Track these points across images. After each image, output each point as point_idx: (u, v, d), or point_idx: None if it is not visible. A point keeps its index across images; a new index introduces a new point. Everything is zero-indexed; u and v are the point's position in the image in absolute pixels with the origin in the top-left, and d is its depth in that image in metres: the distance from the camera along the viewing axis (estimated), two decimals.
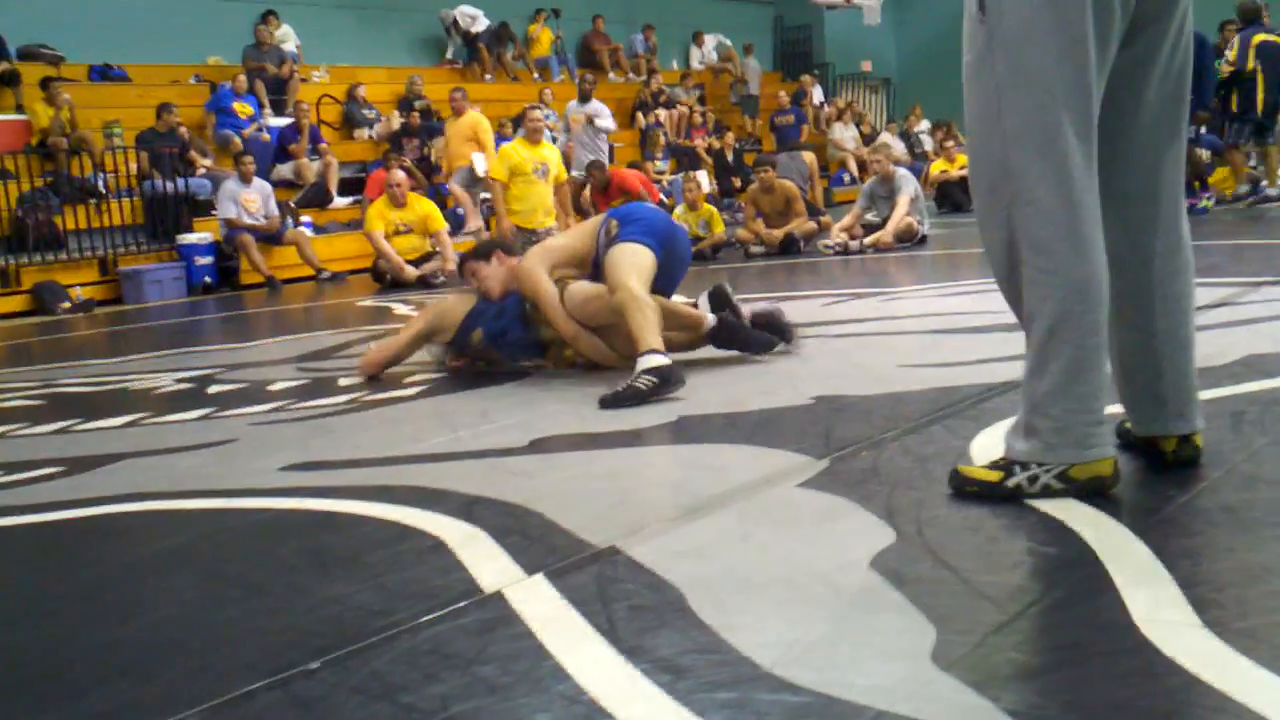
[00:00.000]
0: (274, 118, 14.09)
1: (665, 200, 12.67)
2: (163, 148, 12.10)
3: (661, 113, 17.65)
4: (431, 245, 10.30)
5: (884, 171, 9.90)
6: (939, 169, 14.02)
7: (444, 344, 4.83)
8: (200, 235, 11.68)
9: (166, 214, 11.84)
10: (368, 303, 8.93)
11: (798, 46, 23.73)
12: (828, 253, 9.54)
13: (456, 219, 13.20)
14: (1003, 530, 2.22)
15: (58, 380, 5.79)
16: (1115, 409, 2.52)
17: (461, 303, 4.81)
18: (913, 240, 9.53)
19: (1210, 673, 1.55)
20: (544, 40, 18.82)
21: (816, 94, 20.89)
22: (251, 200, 11.65)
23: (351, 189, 13.72)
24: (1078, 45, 2.21)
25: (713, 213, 10.63)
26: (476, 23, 17.74)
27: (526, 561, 2.27)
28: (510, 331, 4.61)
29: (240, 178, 11.66)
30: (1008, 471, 2.36)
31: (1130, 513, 2.24)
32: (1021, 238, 2.28)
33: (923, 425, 3.12)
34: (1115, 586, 1.87)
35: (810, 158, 13.33)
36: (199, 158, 12.66)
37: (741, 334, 4.40)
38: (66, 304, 10.36)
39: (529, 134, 10.27)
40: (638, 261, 4.26)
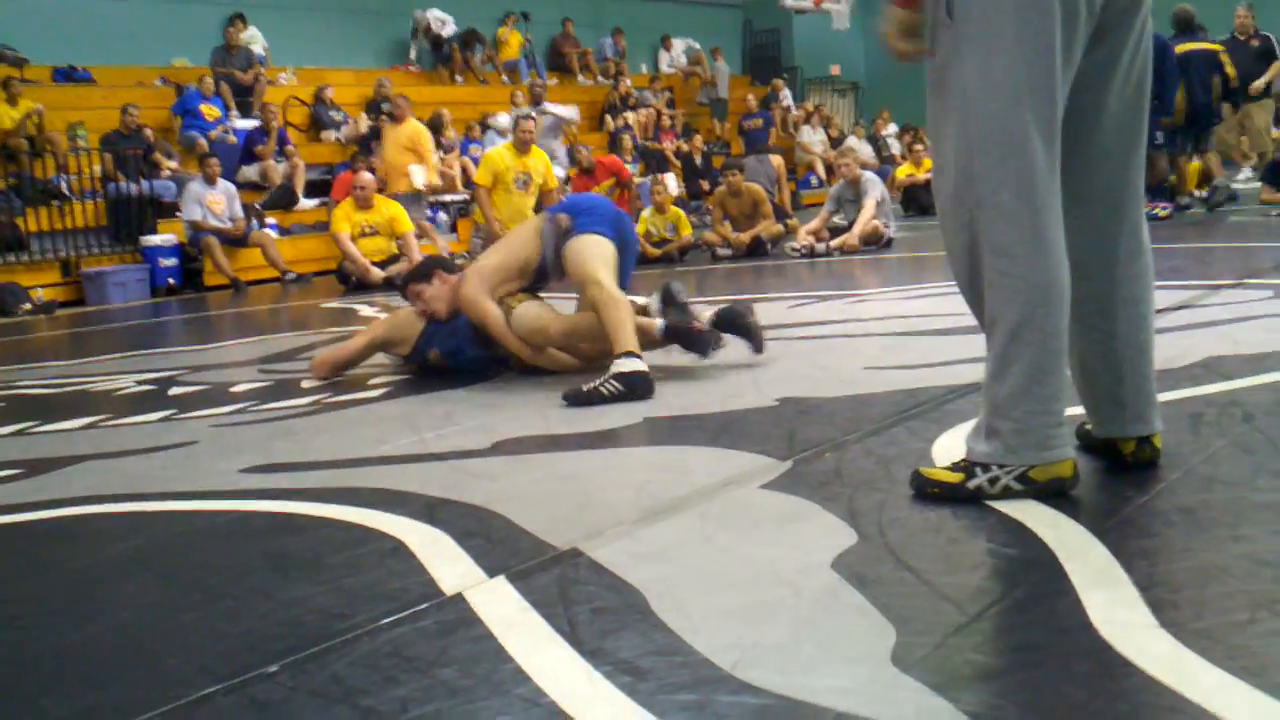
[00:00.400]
0: (240, 120, 14.01)
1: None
2: (127, 149, 12.00)
3: (630, 115, 17.66)
4: (397, 247, 10.26)
5: (851, 175, 9.95)
6: (905, 173, 14.10)
7: (401, 355, 4.80)
8: (164, 237, 11.59)
9: (130, 216, 11.74)
10: (333, 305, 8.89)
11: (766, 50, 23.79)
12: (794, 255, 9.57)
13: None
14: (963, 531, 2.23)
15: (17, 382, 5.73)
16: (1075, 411, 2.53)
17: (419, 317, 4.73)
18: (879, 243, 9.59)
19: (1167, 674, 1.56)
20: (513, 43, 18.80)
21: (785, 97, 20.97)
22: (217, 202, 11.58)
23: (318, 191, 13.65)
24: (1045, 51, 2.21)
25: (680, 215, 10.64)
26: (446, 27, 17.71)
27: (488, 564, 2.26)
28: (464, 350, 4.59)
29: (205, 179, 11.59)
30: (969, 473, 2.38)
31: (1089, 514, 2.25)
32: (984, 241, 2.29)
33: (886, 427, 3.13)
34: (1074, 588, 1.88)
35: (778, 161, 13.37)
36: (164, 159, 12.57)
37: (686, 336, 4.22)
38: (27, 305, 10.26)
39: (517, 143, 10.03)
40: (603, 253, 4.23)
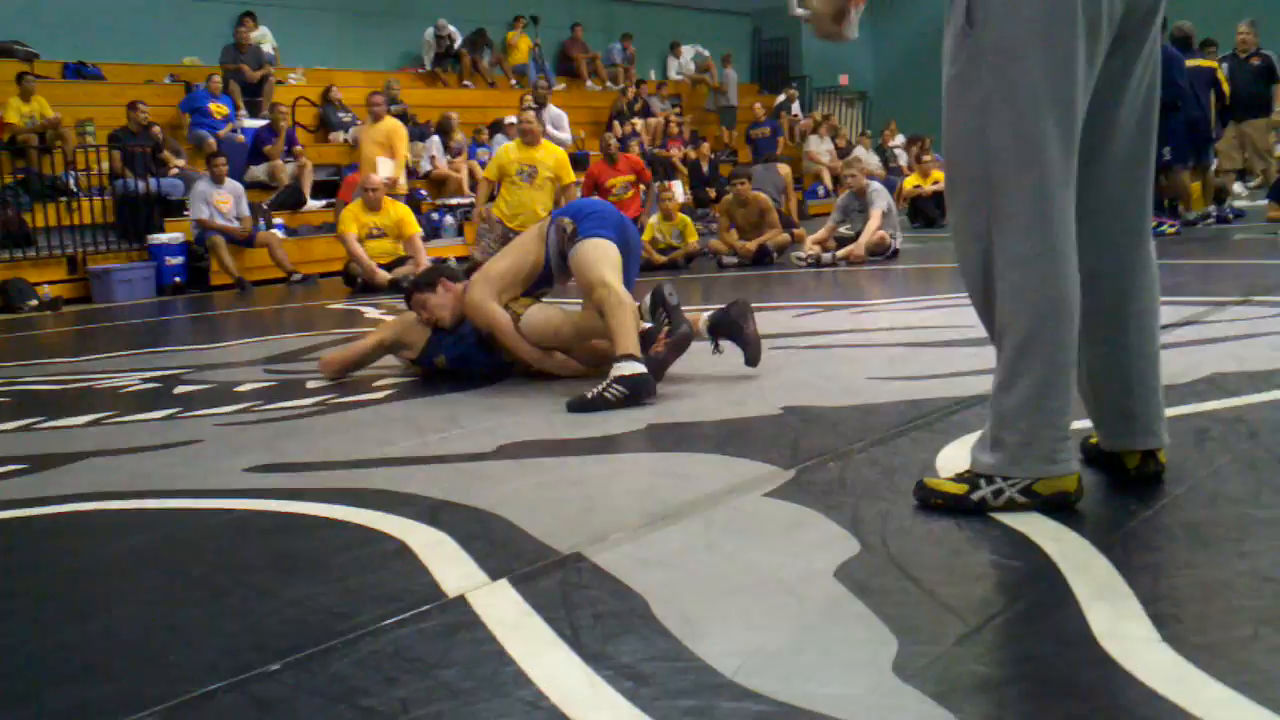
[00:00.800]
0: (249, 119, 14.04)
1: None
2: (135, 147, 12.03)
3: (638, 122, 17.68)
4: (405, 250, 10.27)
5: (857, 185, 9.96)
6: (912, 184, 14.11)
7: (409, 359, 4.80)
8: (171, 235, 11.61)
9: (138, 213, 11.77)
10: (338, 306, 8.89)
11: (775, 59, 23.84)
12: (800, 265, 9.57)
13: (432, 225, 13.18)
14: (967, 543, 2.23)
15: (22, 378, 5.74)
16: (1080, 424, 2.53)
17: (424, 326, 4.73)
18: (885, 254, 9.59)
19: (1169, 687, 1.56)
20: (522, 47, 18.83)
21: (794, 106, 20.98)
22: (224, 201, 11.60)
23: (325, 192, 13.66)
24: (1068, 62, 2.21)
25: (687, 222, 10.65)
26: (456, 40, 17.78)
27: (491, 567, 2.26)
28: (472, 358, 4.60)
29: (213, 178, 11.61)
30: (973, 484, 2.38)
31: (1093, 527, 2.25)
32: (998, 253, 2.29)
33: (890, 437, 3.13)
34: (1077, 600, 1.88)
35: (785, 170, 13.37)
36: (172, 157, 12.59)
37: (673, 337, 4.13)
38: (34, 301, 10.28)
39: (521, 135, 10.08)
40: (609, 256, 4.23)
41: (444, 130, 14.92)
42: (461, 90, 17.51)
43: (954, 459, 2.78)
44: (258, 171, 13.28)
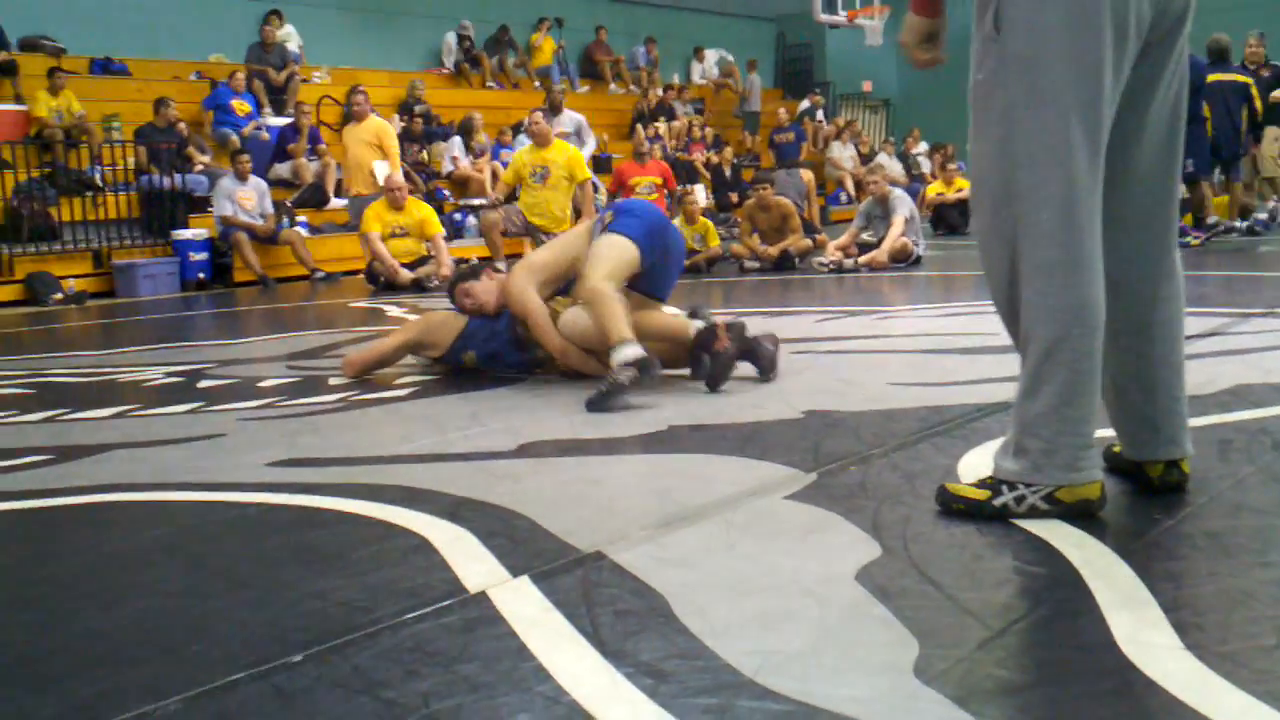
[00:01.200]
0: (274, 117, 14.09)
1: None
2: (161, 143, 12.09)
3: (661, 125, 17.68)
4: (427, 249, 10.29)
5: (880, 192, 9.93)
6: (935, 191, 14.05)
7: (433, 358, 4.82)
8: (195, 231, 11.66)
9: (162, 209, 11.82)
10: (361, 304, 8.92)
11: (799, 65, 23.81)
12: (822, 270, 9.55)
13: (454, 225, 13.20)
14: (988, 548, 2.22)
15: (47, 370, 5.78)
16: (1104, 433, 2.53)
17: (454, 320, 4.76)
18: (907, 260, 9.56)
19: (1191, 695, 1.56)
20: (546, 49, 18.86)
21: (819, 113, 20.96)
22: (248, 198, 11.65)
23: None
24: (1094, 68, 2.20)
25: (709, 226, 10.64)
26: (477, 42, 17.87)
27: (511, 563, 2.27)
28: (503, 355, 4.61)
29: (237, 175, 11.66)
30: (995, 490, 2.37)
31: (1115, 535, 2.25)
32: (1023, 259, 2.29)
33: (912, 443, 3.12)
34: (1098, 607, 1.88)
35: (808, 176, 13.36)
36: (197, 154, 12.65)
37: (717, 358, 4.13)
38: (59, 295, 10.34)
39: (530, 138, 10.15)
40: (614, 255, 4.24)
41: (466, 131, 14.95)
42: (485, 91, 17.55)
43: (976, 465, 2.78)
44: (281, 169, 13.33)
